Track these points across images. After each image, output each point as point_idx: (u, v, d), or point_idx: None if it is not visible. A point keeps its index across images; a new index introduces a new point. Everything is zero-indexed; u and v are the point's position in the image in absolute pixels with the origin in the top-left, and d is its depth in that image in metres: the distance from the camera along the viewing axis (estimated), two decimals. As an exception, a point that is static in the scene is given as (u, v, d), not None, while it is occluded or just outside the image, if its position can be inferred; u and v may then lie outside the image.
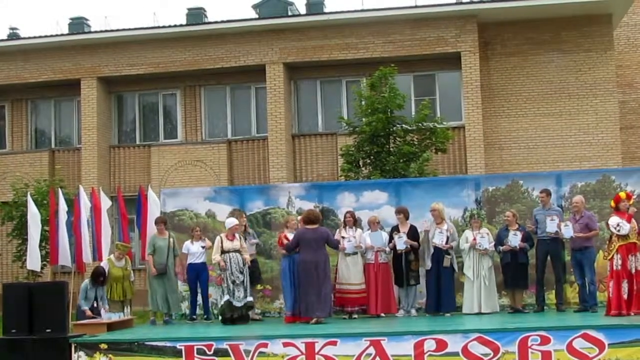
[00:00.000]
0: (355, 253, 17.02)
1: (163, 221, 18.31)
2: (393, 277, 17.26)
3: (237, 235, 17.10)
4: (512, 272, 16.94)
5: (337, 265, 17.23)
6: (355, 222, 17.45)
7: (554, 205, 17.31)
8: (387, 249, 17.12)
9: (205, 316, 18.11)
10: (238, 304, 16.73)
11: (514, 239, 16.79)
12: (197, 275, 17.92)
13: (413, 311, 17.09)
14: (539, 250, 16.90)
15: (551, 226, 16.53)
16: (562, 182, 18.11)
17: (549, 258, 16.86)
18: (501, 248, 16.98)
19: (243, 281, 16.78)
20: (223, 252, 16.87)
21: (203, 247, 17.83)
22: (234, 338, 13.81)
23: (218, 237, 17.20)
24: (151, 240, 18.07)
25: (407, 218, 17.26)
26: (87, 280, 17.35)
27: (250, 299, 16.91)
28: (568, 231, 16.37)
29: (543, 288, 16.97)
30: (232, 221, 17.24)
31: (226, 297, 16.72)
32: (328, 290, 16.36)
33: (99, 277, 17.26)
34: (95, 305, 17.09)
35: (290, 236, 16.72)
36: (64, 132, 33.23)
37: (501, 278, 17.26)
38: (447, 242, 16.83)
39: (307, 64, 30.14)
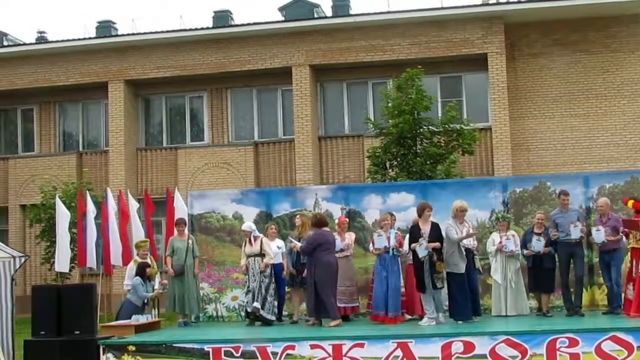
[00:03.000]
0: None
1: (182, 223, 18.35)
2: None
3: (258, 238, 17.14)
4: (538, 276, 16.54)
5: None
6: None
7: (571, 207, 16.79)
8: (405, 250, 16.43)
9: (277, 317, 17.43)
10: (248, 309, 16.96)
11: (537, 245, 16.36)
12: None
13: (441, 318, 15.62)
14: (562, 253, 16.43)
15: (575, 233, 16.10)
16: (589, 184, 17.92)
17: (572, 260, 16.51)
18: (525, 252, 16.64)
19: (253, 287, 16.82)
20: (247, 256, 17.04)
21: (279, 247, 17.44)
22: (261, 340, 13.84)
23: (244, 241, 17.35)
24: (170, 242, 18.11)
25: (430, 212, 16.04)
26: (137, 279, 17.02)
27: (256, 305, 16.80)
28: (599, 236, 15.96)
29: (569, 290, 16.51)
30: (247, 225, 17.38)
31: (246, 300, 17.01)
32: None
33: (145, 269, 17.10)
34: (145, 302, 17.06)
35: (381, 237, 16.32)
36: (91, 134, 33.42)
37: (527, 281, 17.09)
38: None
39: (334, 66, 30.16)
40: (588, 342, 13.01)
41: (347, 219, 17.76)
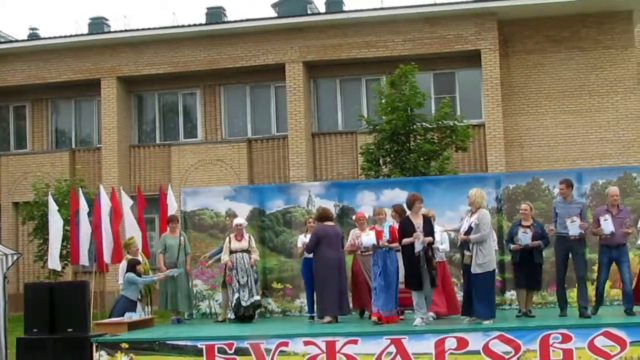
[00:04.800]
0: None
1: (175, 220, 18.35)
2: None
3: (245, 235, 17.21)
4: (525, 272, 15.47)
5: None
6: (402, 216, 15.93)
7: (575, 198, 15.79)
8: (440, 246, 15.72)
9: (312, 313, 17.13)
10: (244, 304, 16.89)
11: (524, 237, 15.27)
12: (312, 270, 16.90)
13: (430, 317, 14.96)
14: (559, 248, 15.23)
15: (573, 229, 14.82)
16: (582, 180, 17.85)
17: (570, 256, 15.18)
18: (511, 247, 15.56)
19: (247, 282, 16.88)
20: (231, 252, 17.06)
21: None
22: (255, 337, 13.83)
23: (227, 237, 17.40)
24: (162, 239, 18.14)
25: (421, 205, 15.15)
26: (130, 274, 17.03)
27: (257, 298, 16.99)
28: (608, 226, 14.82)
29: (564, 288, 15.46)
30: (238, 221, 17.41)
31: (236, 295, 16.94)
32: (346, 288, 16.31)
33: (136, 267, 17.10)
34: (139, 297, 17.09)
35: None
36: (84, 132, 33.35)
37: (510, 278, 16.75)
38: (467, 233, 14.59)
39: (327, 63, 30.15)
40: (581, 337, 13.03)
41: (366, 214, 17.20)
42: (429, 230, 14.91)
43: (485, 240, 14.45)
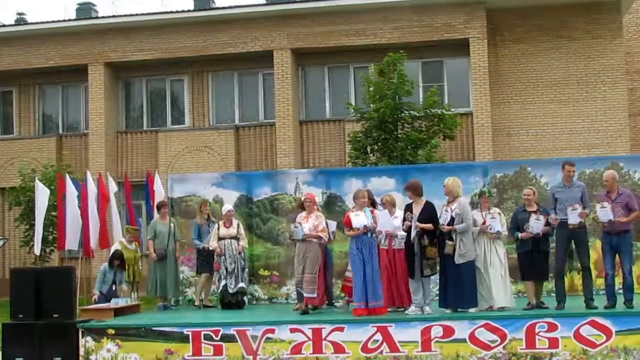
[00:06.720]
0: None
1: (165, 206, 18.33)
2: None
3: (234, 221, 17.22)
4: (533, 261, 14.59)
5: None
6: (374, 204, 15.86)
7: (575, 181, 14.92)
8: (398, 232, 15.03)
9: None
10: (230, 291, 16.92)
11: (536, 225, 14.33)
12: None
13: (427, 308, 14.40)
14: (560, 235, 14.40)
15: (573, 217, 14.07)
16: (570, 169, 17.89)
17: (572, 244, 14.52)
18: (520, 235, 14.60)
19: (234, 269, 16.89)
20: (220, 239, 17.05)
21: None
22: (241, 324, 13.84)
23: (216, 224, 17.37)
24: (152, 225, 18.13)
25: (419, 195, 14.82)
26: (105, 264, 17.37)
27: (241, 285, 16.98)
28: (605, 214, 13.90)
29: (563, 279, 14.70)
30: (226, 207, 17.43)
31: (223, 282, 16.97)
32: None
33: (113, 261, 17.26)
34: (113, 288, 17.17)
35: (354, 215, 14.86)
36: (71, 117, 33.23)
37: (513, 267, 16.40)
38: (449, 223, 14.26)
39: (315, 50, 30.08)
40: (567, 326, 13.11)
41: (315, 197, 16.38)
42: (427, 217, 14.41)
43: (467, 230, 14.32)
